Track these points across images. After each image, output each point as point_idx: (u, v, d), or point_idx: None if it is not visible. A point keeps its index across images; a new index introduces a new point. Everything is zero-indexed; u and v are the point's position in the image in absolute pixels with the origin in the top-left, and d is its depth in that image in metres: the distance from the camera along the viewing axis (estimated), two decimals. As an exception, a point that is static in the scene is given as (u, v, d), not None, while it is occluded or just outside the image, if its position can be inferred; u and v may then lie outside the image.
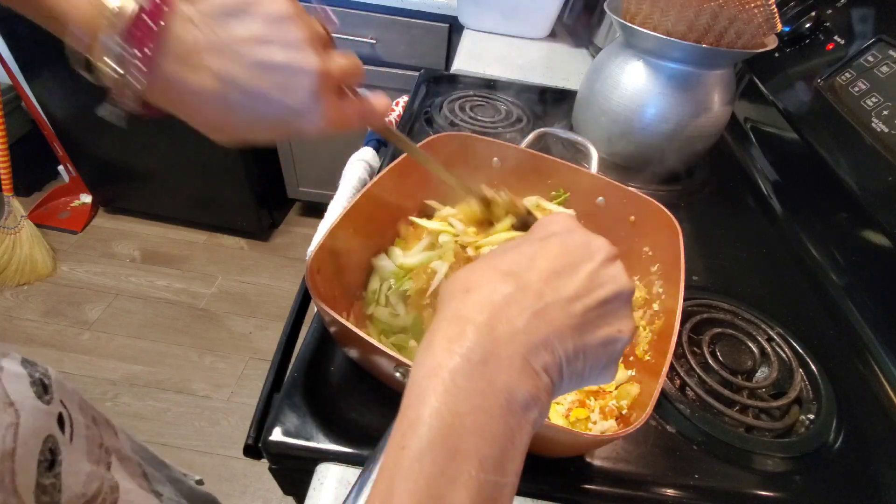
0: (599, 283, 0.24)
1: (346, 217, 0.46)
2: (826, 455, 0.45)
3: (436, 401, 0.19)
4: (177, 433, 1.32)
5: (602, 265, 0.25)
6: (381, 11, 1.35)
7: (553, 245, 0.25)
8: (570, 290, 0.23)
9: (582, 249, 0.25)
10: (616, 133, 0.72)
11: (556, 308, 0.22)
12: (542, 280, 0.23)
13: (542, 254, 0.24)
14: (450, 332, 0.21)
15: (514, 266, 0.24)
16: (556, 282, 0.23)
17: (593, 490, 0.41)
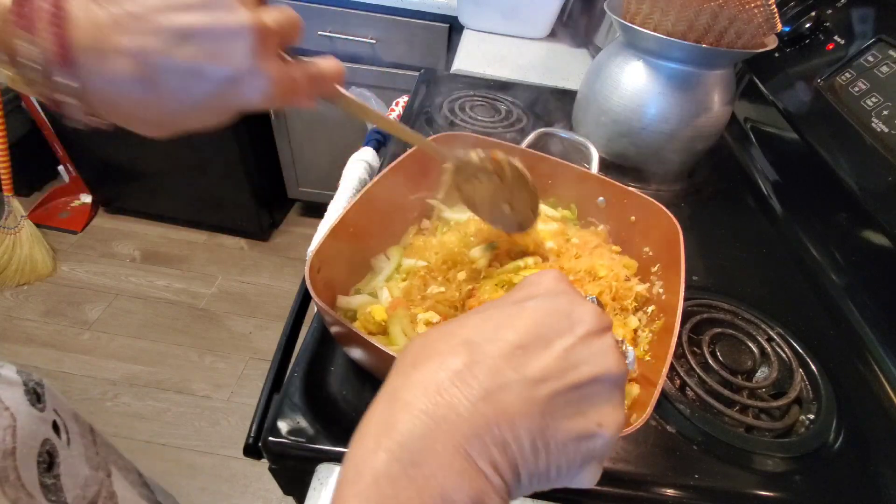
0: (575, 362, 0.20)
1: (347, 217, 0.46)
2: (826, 455, 0.45)
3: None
4: (177, 433, 1.32)
5: (582, 340, 0.20)
6: (381, 11, 1.35)
7: (527, 311, 0.21)
8: (535, 370, 0.19)
9: (561, 319, 0.21)
10: (616, 133, 0.72)
11: (514, 390, 0.19)
12: (502, 354, 0.19)
13: (509, 321, 0.21)
14: (382, 420, 0.19)
15: (473, 334, 0.20)
16: (519, 358, 0.19)
17: (593, 490, 0.41)
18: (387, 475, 0.17)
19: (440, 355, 0.20)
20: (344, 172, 0.76)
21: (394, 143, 0.78)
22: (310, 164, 1.76)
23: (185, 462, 1.26)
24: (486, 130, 0.81)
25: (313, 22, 1.38)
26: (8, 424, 0.30)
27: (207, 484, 1.24)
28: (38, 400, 0.34)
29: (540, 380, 0.19)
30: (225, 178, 1.66)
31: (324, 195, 1.83)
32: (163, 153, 1.63)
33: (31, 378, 0.34)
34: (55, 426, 0.35)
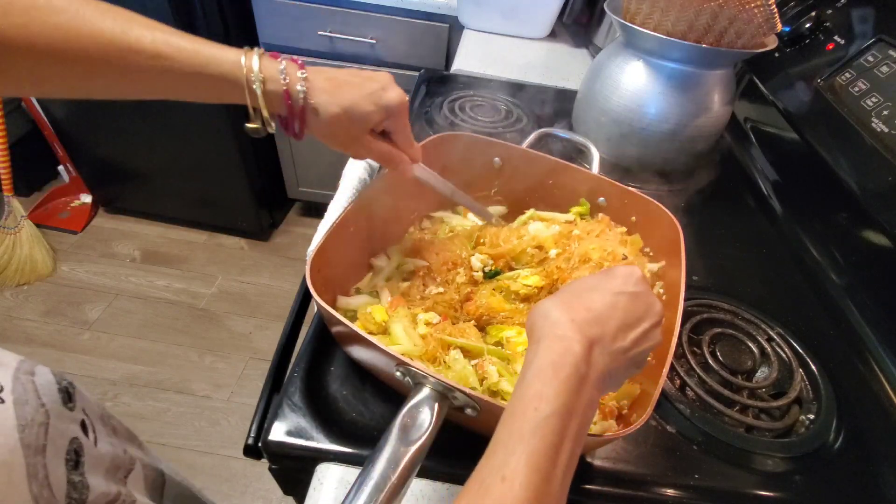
0: (647, 338, 0.32)
1: (347, 217, 0.46)
2: (826, 455, 0.45)
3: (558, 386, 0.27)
4: (177, 433, 1.32)
5: (653, 326, 0.33)
6: (381, 11, 1.35)
7: (627, 300, 0.32)
8: (630, 341, 0.31)
9: (646, 310, 0.32)
10: (616, 133, 0.72)
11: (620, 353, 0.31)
12: (616, 329, 0.30)
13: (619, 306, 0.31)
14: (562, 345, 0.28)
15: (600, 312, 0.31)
16: (625, 333, 0.31)
17: (594, 490, 0.41)
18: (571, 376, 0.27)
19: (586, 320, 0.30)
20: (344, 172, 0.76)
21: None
22: (310, 164, 1.76)
23: (185, 462, 1.26)
24: (486, 130, 0.81)
25: (313, 22, 1.38)
26: (42, 421, 0.31)
27: (207, 484, 1.24)
28: (70, 399, 0.35)
29: (631, 347, 0.31)
30: (225, 178, 1.66)
31: (324, 195, 1.83)
32: (163, 153, 1.63)
33: (63, 378, 0.36)
34: (83, 426, 0.35)
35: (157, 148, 1.61)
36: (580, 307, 0.30)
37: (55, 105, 1.56)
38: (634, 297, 0.32)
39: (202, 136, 1.53)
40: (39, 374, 0.33)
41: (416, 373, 0.33)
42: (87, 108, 1.53)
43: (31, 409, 0.30)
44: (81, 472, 0.33)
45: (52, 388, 0.33)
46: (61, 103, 1.55)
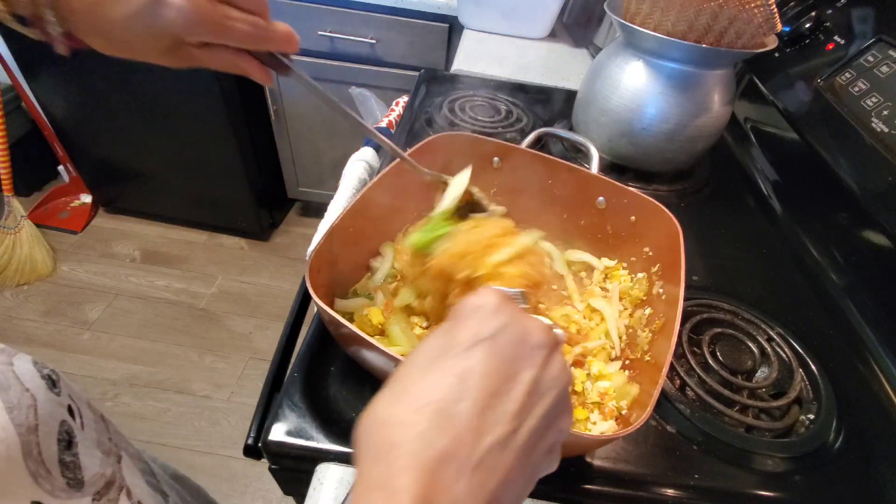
0: (543, 391, 0.21)
1: (347, 217, 0.46)
2: (826, 455, 0.45)
3: None
4: (177, 433, 1.32)
5: (543, 368, 0.21)
6: (381, 11, 1.35)
7: (483, 355, 0.21)
8: (512, 415, 0.20)
9: (519, 351, 0.21)
10: (616, 133, 0.72)
11: (499, 448, 0.19)
12: (479, 411, 0.19)
13: (472, 371, 0.20)
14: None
15: (443, 399, 0.20)
16: (495, 409, 0.20)
17: (594, 490, 0.41)
18: None
19: (420, 433, 0.19)
20: (344, 172, 0.76)
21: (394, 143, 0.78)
22: (310, 164, 1.76)
23: (185, 462, 1.26)
24: (486, 130, 0.81)
25: (313, 22, 1.38)
26: (30, 404, 0.31)
27: (207, 484, 1.23)
28: (54, 385, 0.35)
29: (518, 426, 0.20)
30: (225, 178, 1.66)
31: (324, 195, 1.83)
32: (163, 153, 1.63)
33: (44, 367, 0.36)
34: (70, 411, 0.36)
35: (157, 148, 1.61)
36: (409, 406, 0.20)
37: (55, 105, 1.56)
38: (496, 340, 0.21)
39: (202, 136, 1.53)
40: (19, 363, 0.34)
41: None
42: (87, 108, 1.53)
43: (15, 393, 0.30)
44: (74, 452, 0.34)
45: (35, 375, 0.34)
46: (61, 103, 1.55)
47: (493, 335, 0.21)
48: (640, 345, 0.47)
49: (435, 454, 0.18)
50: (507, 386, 0.20)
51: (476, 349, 0.21)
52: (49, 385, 0.35)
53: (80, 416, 0.37)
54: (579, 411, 0.44)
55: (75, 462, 0.33)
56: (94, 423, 0.40)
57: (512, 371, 0.21)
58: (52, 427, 0.32)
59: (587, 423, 0.43)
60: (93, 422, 0.39)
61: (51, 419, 0.32)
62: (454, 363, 0.21)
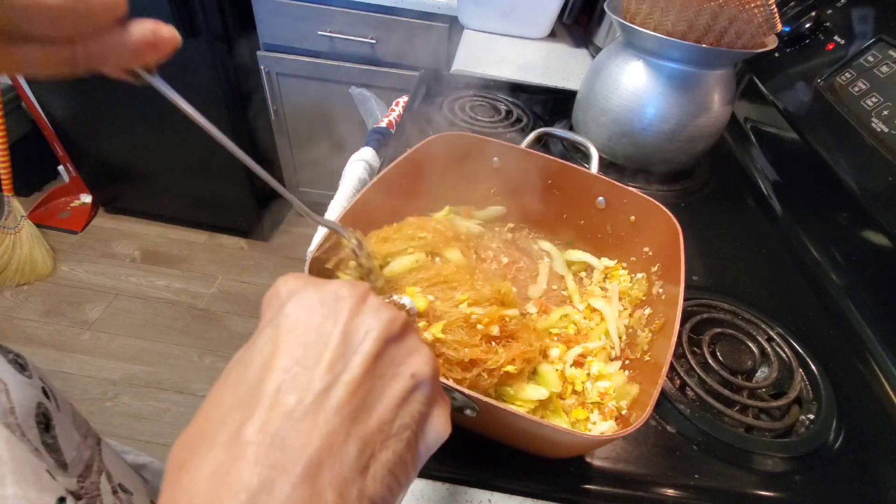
0: (355, 341, 0.19)
1: (346, 217, 0.46)
2: (826, 455, 0.45)
3: None
4: (177, 433, 1.31)
5: (351, 317, 0.19)
6: (381, 11, 1.35)
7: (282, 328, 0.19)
8: (320, 377, 0.17)
9: (319, 310, 0.19)
10: (616, 133, 0.72)
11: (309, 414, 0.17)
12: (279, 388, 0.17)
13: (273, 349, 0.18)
14: None
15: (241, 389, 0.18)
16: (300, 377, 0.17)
17: (593, 490, 0.41)
18: None
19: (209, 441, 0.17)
20: (344, 172, 0.76)
21: (394, 143, 0.78)
22: (310, 164, 1.76)
23: (185, 462, 1.27)
24: (486, 130, 0.81)
25: (313, 22, 1.38)
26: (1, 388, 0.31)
27: (207, 484, 1.24)
28: (24, 369, 0.35)
29: (331, 383, 0.17)
30: (225, 178, 1.66)
31: (324, 195, 1.82)
32: (163, 153, 1.63)
33: (9, 351, 0.36)
34: (45, 392, 0.36)
35: (157, 148, 1.61)
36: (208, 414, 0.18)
37: (55, 105, 1.56)
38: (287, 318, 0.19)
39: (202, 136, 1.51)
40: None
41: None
42: (87, 108, 1.53)
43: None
44: (53, 434, 0.34)
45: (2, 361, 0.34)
46: (61, 103, 1.55)
47: (289, 307, 0.19)
48: (640, 345, 0.47)
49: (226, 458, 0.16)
50: (312, 348, 0.18)
51: (274, 329, 0.19)
52: (18, 369, 0.35)
53: (55, 399, 0.37)
54: (579, 411, 0.44)
55: (55, 444, 0.33)
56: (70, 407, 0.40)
57: (315, 333, 0.18)
58: (29, 409, 0.32)
59: (587, 423, 0.43)
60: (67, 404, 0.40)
61: (26, 400, 0.32)
62: (253, 354, 0.19)
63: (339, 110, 1.53)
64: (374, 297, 0.20)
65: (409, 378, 0.19)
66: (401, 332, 0.20)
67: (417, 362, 0.20)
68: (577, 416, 0.43)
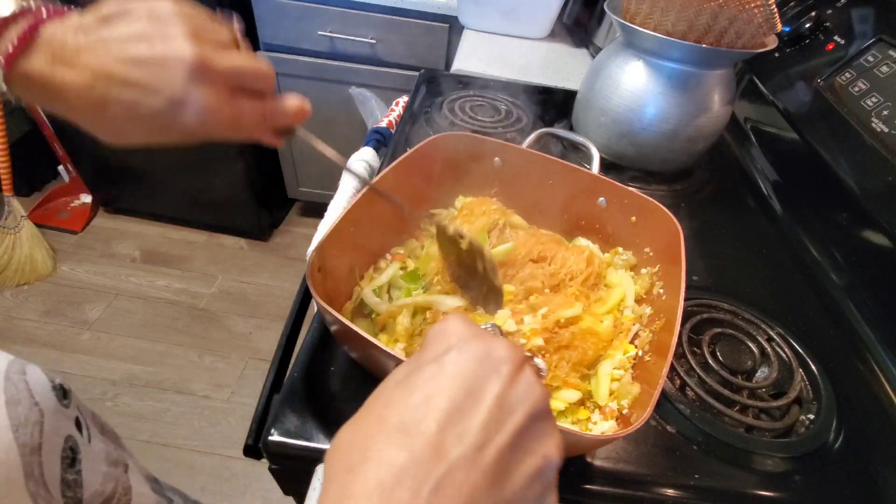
0: (510, 407, 0.20)
1: (347, 217, 0.46)
2: (826, 455, 0.45)
3: None
4: (177, 433, 1.32)
5: (510, 381, 0.20)
6: (381, 11, 1.35)
7: (448, 367, 0.20)
8: (476, 432, 0.19)
9: (483, 364, 0.20)
10: (616, 133, 0.72)
11: (463, 467, 0.18)
12: (440, 428, 0.18)
13: (435, 385, 0.20)
14: None
15: (405, 415, 0.19)
16: (458, 425, 0.19)
17: (594, 490, 0.41)
18: None
19: (377, 451, 0.18)
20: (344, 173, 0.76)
21: (394, 143, 0.78)
22: (310, 164, 1.76)
23: (185, 462, 1.26)
24: (486, 130, 0.81)
25: (313, 22, 1.38)
26: (36, 420, 0.31)
27: (207, 484, 1.24)
28: (65, 396, 0.35)
29: (484, 442, 0.19)
30: (225, 179, 1.66)
31: (324, 195, 1.83)
32: (163, 153, 1.63)
33: (56, 376, 0.36)
34: (78, 423, 0.36)
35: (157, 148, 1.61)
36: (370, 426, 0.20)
37: (55, 105, 1.56)
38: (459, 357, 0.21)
39: (202, 136, 1.53)
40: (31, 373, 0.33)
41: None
42: (87, 108, 1.53)
43: (24, 408, 0.30)
44: (77, 469, 0.33)
45: (46, 386, 0.34)
46: (61, 103, 1.55)
47: (456, 352, 0.21)
48: (641, 345, 0.47)
49: (390, 476, 0.17)
50: (470, 400, 0.19)
51: (440, 366, 0.21)
52: (60, 396, 0.35)
53: (87, 429, 0.37)
54: (580, 411, 0.44)
55: (77, 480, 0.33)
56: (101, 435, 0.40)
57: (476, 386, 0.20)
58: (57, 444, 0.32)
59: (587, 423, 0.43)
60: (100, 433, 0.39)
61: (55, 436, 0.32)
62: (418, 383, 0.20)
63: (340, 110, 1.53)
64: (530, 367, 0.22)
65: (541, 458, 0.20)
66: (545, 411, 0.21)
67: (551, 445, 0.21)
68: (577, 415, 0.43)
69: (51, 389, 0.34)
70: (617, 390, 0.44)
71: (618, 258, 0.56)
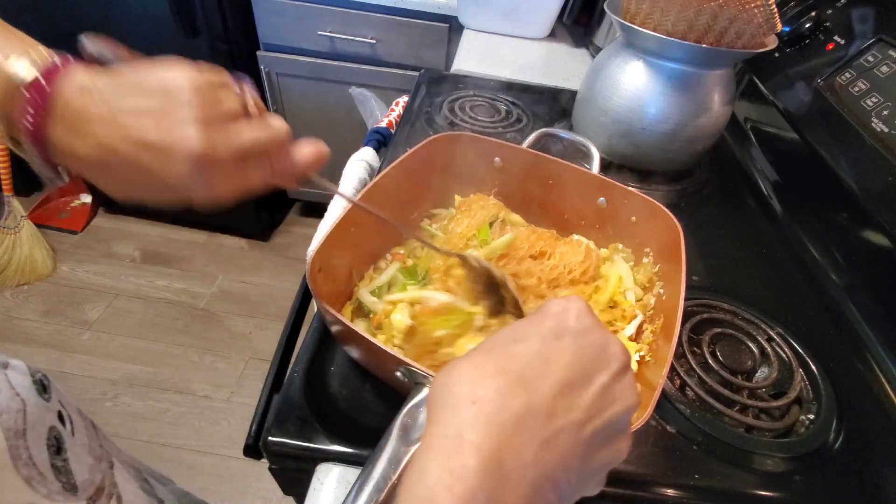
0: (612, 399, 0.22)
1: (347, 217, 0.46)
2: (826, 455, 0.45)
3: None
4: (177, 433, 1.32)
5: (616, 377, 0.23)
6: (381, 11, 1.35)
7: (567, 347, 0.22)
8: (582, 409, 0.21)
9: (598, 355, 0.23)
10: (616, 133, 0.72)
11: (567, 434, 0.20)
12: (555, 394, 0.21)
13: (555, 357, 0.22)
14: (450, 462, 0.19)
15: (525, 370, 0.21)
16: (569, 397, 0.21)
17: (593, 490, 0.41)
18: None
19: (498, 393, 0.20)
20: (344, 172, 0.76)
21: (394, 143, 0.78)
22: (310, 164, 1.76)
23: (185, 462, 1.27)
24: (486, 130, 0.81)
25: (313, 22, 1.38)
26: (19, 408, 0.32)
27: (207, 484, 1.24)
28: (45, 391, 0.36)
29: (586, 419, 0.21)
30: (225, 178, 1.66)
31: (324, 195, 1.82)
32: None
33: (37, 371, 0.36)
34: (60, 416, 0.36)
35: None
36: (493, 368, 0.21)
37: (55, 105, 1.56)
38: (579, 339, 0.23)
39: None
40: (12, 367, 0.34)
41: (417, 373, 0.33)
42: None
43: (4, 397, 0.31)
44: (64, 458, 0.34)
45: (27, 380, 0.34)
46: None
47: (577, 333, 0.23)
48: (641, 345, 0.47)
49: (511, 417, 0.19)
50: (583, 380, 0.22)
51: (561, 340, 0.23)
52: (39, 390, 0.35)
53: (71, 423, 0.37)
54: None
55: (66, 467, 0.34)
56: (85, 430, 0.40)
57: (590, 370, 0.22)
58: (41, 432, 0.32)
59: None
60: (83, 428, 0.39)
61: (39, 424, 0.33)
62: (539, 345, 0.22)
63: (340, 110, 1.53)
64: (631, 371, 0.24)
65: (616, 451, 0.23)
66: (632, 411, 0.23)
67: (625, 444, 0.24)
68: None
69: (31, 384, 0.34)
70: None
71: (617, 256, 0.56)
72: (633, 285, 0.52)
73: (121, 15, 1.30)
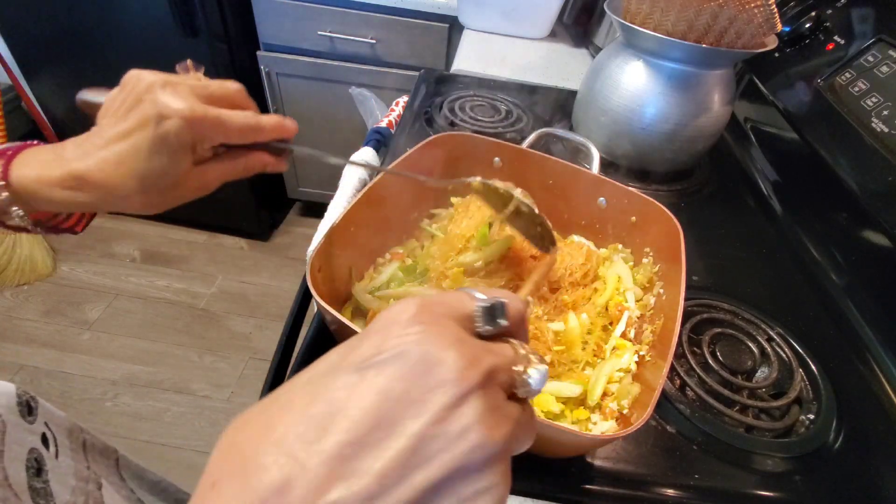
0: (427, 455, 0.15)
1: (347, 217, 0.46)
2: (826, 455, 0.45)
3: None
4: (177, 433, 1.32)
5: (439, 418, 0.15)
6: (381, 11, 1.35)
7: (367, 383, 0.16)
8: (371, 479, 0.14)
9: (413, 385, 0.16)
10: (616, 133, 0.72)
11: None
12: (333, 455, 0.15)
13: (344, 403, 0.16)
14: None
15: (298, 428, 0.15)
16: (351, 462, 0.15)
17: (594, 490, 0.41)
18: None
19: (260, 459, 0.15)
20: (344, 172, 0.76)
21: (394, 143, 0.78)
22: (310, 165, 1.76)
23: (185, 462, 1.26)
24: (486, 130, 0.81)
25: (313, 22, 1.38)
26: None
27: (207, 484, 1.24)
28: (30, 413, 0.36)
29: (376, 494, 0.14)
30: (225, 178, 1.66)
31: (324, 195, 1.83)
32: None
33: (26, 393, 0.36)
34: (44, 439, 0.36)
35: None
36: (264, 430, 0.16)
37: (55, 105, 1.56)
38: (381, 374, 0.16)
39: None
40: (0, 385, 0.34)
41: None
42: (87, 108, 1.53)
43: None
44: (45, 479, 0.34)
45: (11, 401, 0.34)
46: (61, 103, 1.55)
47: (383, 363, 0.16)
48: (641, 345, 0.47)
49: (265, 490, 0.14)
50: (378, 433, 0.15)
51: (358, 378, 0.16)
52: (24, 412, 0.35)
53: (56, 445, 0.38)
54: (579, 411, 0.44)
55: (46, 489, 0.34)
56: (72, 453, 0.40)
57: (392, 415, 0.15)
58: (20, 453, 0.33)
59: (587, 423, 0.43)
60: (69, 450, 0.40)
61: (17, 446, 0.33)
62: (334, 387, 0.16)
63: (340, 110, 1.53)
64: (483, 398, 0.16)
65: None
66: (483, 463, 0.16)
67: None
68: (578, 415, 0.43)
69: (16, 405, 0.35)
70: (617, 390, 0.44)
71: (617, 256, 0.56)
72: (632, 285, 0.52)
73: (121, 15, 1.30)
